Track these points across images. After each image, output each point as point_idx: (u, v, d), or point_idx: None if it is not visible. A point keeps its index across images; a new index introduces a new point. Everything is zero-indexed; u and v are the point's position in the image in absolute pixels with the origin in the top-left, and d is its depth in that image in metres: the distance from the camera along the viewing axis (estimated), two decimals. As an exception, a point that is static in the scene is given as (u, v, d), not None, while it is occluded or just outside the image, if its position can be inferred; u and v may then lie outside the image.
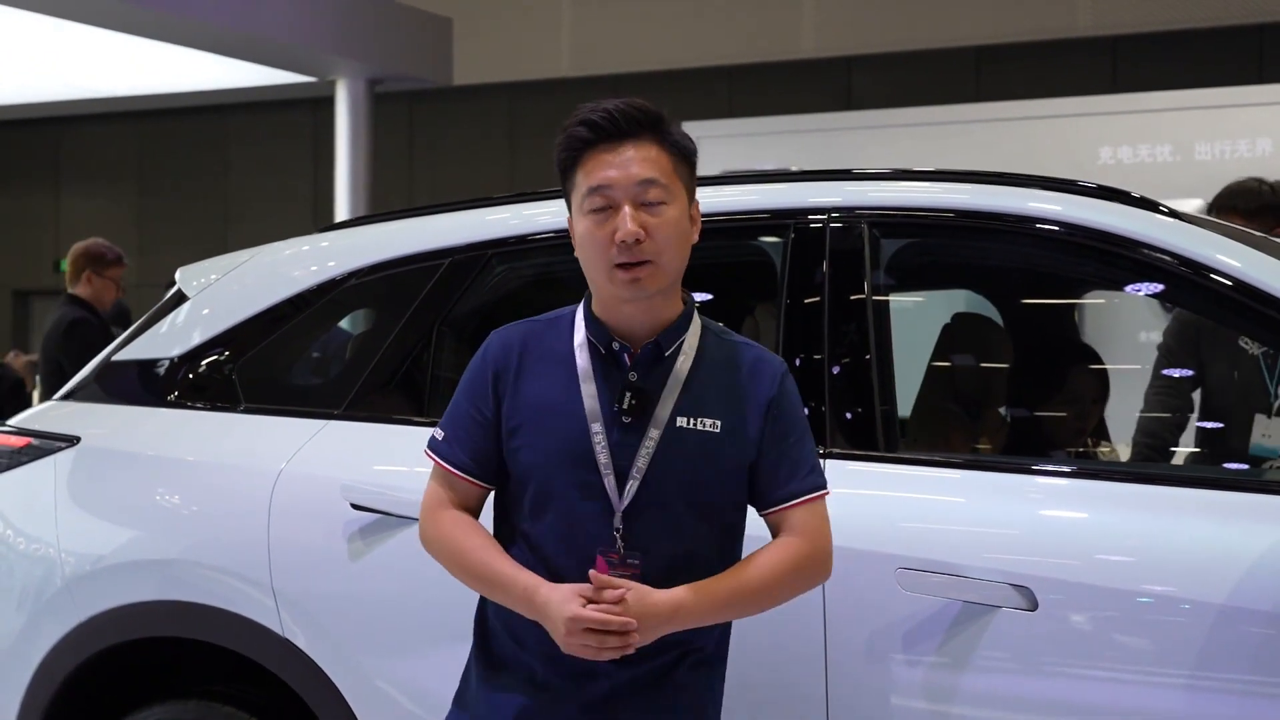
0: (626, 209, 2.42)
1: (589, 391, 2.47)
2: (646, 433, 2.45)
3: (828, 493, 2.56)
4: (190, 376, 3.60)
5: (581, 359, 2.49)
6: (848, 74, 13.16)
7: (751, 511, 2.57)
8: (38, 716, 3.51)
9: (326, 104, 13.12)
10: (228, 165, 15.49)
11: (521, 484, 2.51)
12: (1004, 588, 2.80)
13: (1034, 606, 2.78)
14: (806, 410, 2.63)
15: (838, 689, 2.88)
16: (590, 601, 2.36)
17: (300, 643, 3.25)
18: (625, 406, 2.45)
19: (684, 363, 2.49)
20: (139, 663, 3.56)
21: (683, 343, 2.51)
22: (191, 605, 3.36)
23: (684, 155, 2.50)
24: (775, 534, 2.54)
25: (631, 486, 2.44)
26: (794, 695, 2.93)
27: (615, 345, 2.49)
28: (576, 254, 2.52)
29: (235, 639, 3.34)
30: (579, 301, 2.58)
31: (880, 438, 3.01)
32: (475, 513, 2.58)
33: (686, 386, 2.48)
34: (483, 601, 2.60)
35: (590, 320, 2.52)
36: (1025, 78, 12.19)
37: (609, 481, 2.44)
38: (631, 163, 2.43)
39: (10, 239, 16.30)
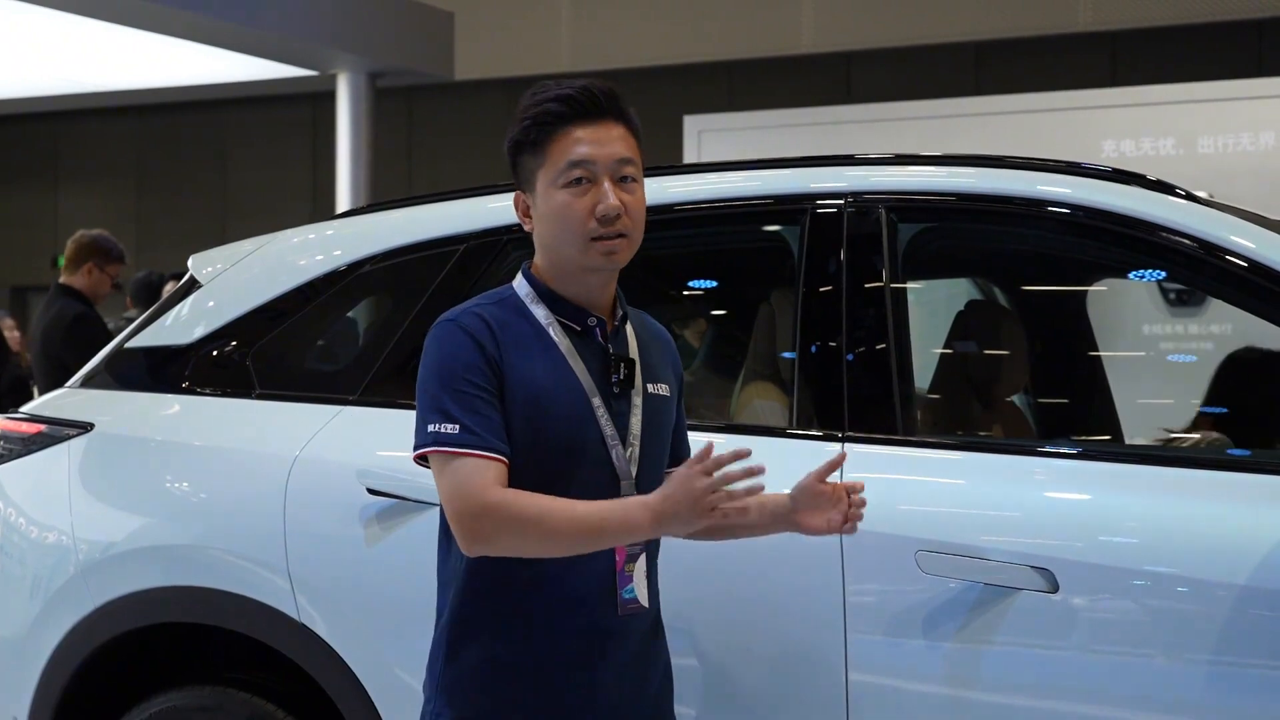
0: (607, 184, 2.47)
1: (579, 367, 2.51)
2: (633, 400, 2.54)
3: None
4: (204, 363, 3.58)
5: (558, 336, 2.52)
6: (847, 69, 13.16)
7: None
8: (52, 703, 3.50)
9: (325, 99, 13.10)
10: (227, 161, 15.47)
11: (523, 467, 2.49)
12: (1024, 570, 2.80)
13: (1055, 589, 2.78)
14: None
15: (857, 670, 2.89)
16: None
17: (317, 628, 3.24)
18: (622, 377, 2.53)
19: (631, 333, 2.60)
20: (154, 649, 3.55)
21: (626, 315, 2.62)
22: (207, 590, 3.36)
23: (640, 139, 2.59)
24: None
25: (633, 452, 2.52)
26: (814, 678, 2.92)
27: (591, 320, 2.54)
28: (537, 229, 2.54)
29: (251, 624, 3.33)
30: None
31: (899, 422, 3.02)
32: None
33: (641, 355, 2.59)
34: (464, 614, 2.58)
35: (551, 298, 2.54)
36: (1024, 74, 12.18)
37: (616, 451, 2.51)
38: (611, 141, 2.50)
39: (9, 235, 16.26)
